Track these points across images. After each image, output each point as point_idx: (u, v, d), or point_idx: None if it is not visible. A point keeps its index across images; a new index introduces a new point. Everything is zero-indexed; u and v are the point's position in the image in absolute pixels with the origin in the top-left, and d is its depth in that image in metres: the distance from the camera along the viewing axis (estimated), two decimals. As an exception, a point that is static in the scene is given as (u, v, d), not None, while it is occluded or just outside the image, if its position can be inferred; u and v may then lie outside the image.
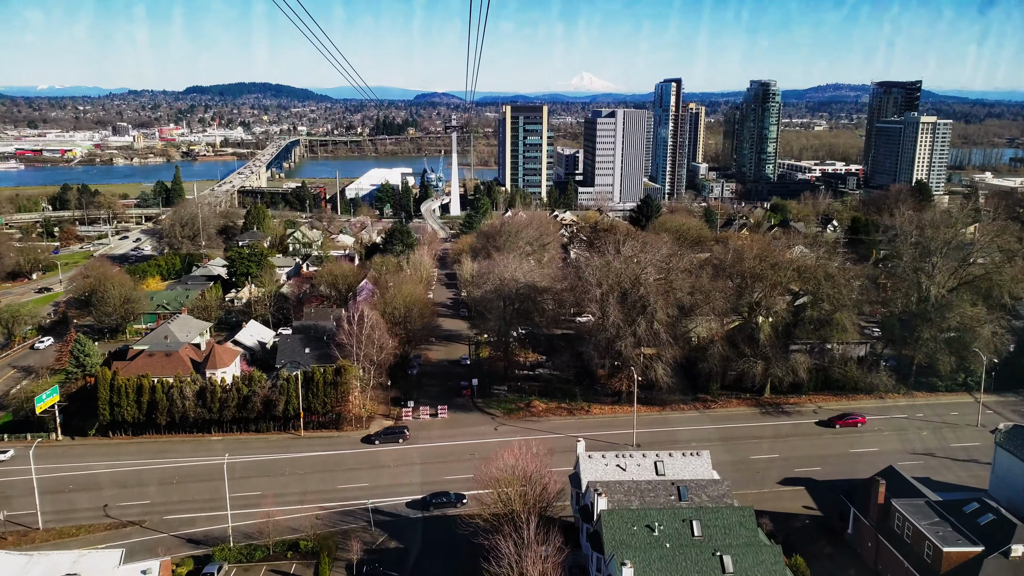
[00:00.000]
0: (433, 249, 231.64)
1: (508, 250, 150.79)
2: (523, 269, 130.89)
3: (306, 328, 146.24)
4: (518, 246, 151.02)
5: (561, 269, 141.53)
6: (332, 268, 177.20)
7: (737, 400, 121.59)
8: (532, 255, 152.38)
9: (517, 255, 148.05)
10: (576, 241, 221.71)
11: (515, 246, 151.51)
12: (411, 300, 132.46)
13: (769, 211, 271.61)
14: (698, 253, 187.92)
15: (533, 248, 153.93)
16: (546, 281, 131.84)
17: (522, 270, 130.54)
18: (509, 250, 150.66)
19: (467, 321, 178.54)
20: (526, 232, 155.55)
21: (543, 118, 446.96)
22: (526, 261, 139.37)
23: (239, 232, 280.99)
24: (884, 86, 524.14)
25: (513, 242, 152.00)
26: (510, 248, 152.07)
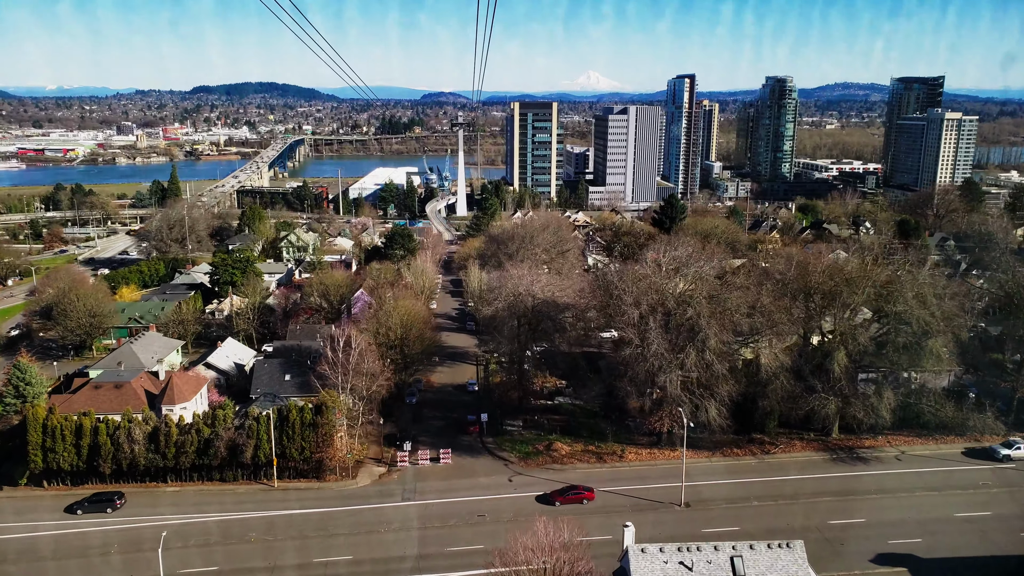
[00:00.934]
0: (437, 253, 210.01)
1: (522, 257, 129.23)
2: (540, 282, 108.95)
3: (288, 350, 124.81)
4: (534, 253, 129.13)
5: (586, 282, 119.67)
6: (323, 276, 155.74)
7: (800, 442, 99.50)
8: (549, 263, 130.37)
9: (532, 263, 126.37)
10: (592, 245, 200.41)
11: (530, 253, 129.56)
12: (410, 318, 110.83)
13: (797, 212, 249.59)
14: (732, 259, 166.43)
15: (550, 255, 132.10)
16: (567, 295, 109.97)
17: (539, 283, 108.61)
18: (523, 258, 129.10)
19: (474, 336, 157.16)
20: (542, 237, 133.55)
21: (552, 115, 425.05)
22: (543, 271, 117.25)
23: (233, 234, 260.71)
24: (904, 82, 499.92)
25: (528, 249, 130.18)
26: (524, 255, 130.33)
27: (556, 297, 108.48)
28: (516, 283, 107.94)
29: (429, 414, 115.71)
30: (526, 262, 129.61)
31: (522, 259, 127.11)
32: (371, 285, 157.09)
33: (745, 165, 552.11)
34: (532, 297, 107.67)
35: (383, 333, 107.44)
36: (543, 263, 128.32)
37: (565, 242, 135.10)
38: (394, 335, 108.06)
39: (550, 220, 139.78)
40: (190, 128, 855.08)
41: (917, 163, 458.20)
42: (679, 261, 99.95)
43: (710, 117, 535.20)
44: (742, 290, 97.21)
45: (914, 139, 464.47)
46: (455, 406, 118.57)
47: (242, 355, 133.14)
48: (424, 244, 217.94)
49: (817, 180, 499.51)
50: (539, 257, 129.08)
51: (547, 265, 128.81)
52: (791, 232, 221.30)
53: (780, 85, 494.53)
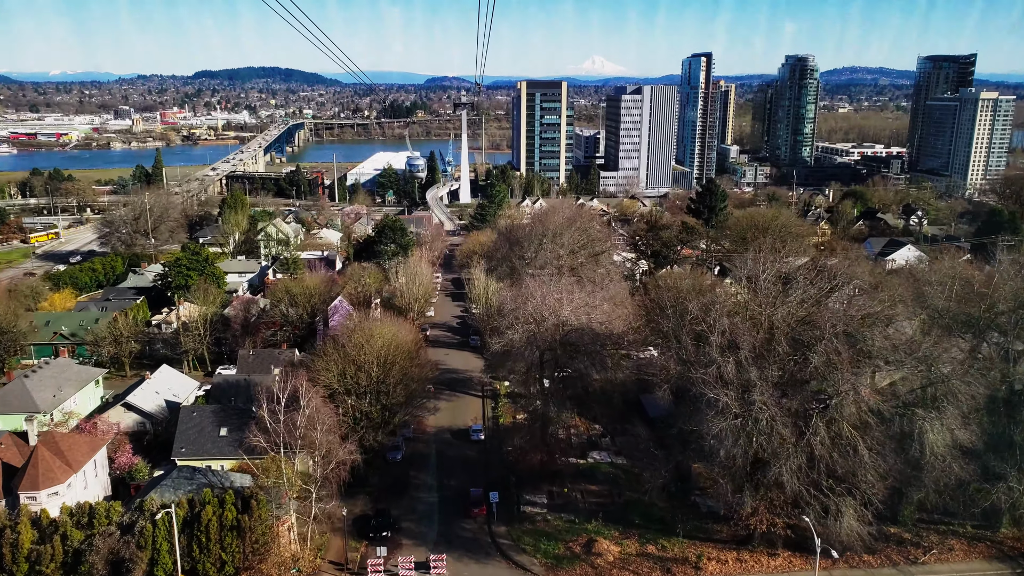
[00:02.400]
0: (436, 249, 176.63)
1: (541, 262, 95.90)
2: (572, 303, 75.60)
3: (231, 387, 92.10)
4: (556, 255, 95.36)
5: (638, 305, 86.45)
6: (290, 281, 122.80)
7: (958, 541, 66.64)
8: (578, 267, 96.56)
9: (555, 270, 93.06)
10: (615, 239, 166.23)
11: (551, 255, 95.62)
12: (392, 353, 77.75)
13: (845, 200, 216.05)
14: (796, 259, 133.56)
15: (578, 258, 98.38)
16: (609, 318, 76.69)
17: (570, 304, 75.26)
18: (542, 262, 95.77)
19: (479, 355, 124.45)
20: (568, 236, 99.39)
21: (562, 95, 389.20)
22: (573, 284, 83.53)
23: (212, 225, 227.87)
24: (933, 61, 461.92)
25: (548, 250, 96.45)
26: (544, 258, 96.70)
27: (593, 322, 75.11)
28: (538, 304, 74.56)
29: (418, 479, 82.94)
30: (547, 267, 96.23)
31: (541, 264, 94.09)
32: (352, 293, 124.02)
33: (762, 149, 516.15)
34: (561, 324, 74.44)
35: (351, 377, 74.35)
36: (569, 269, 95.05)
37: (597, 241, 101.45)
38: (367, 380, 74.98)
39: (575, 213, 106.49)
40: (189, 112, 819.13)
41: (947, 146, 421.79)
42: (782, 276, 66.77)
43: (726, 99, 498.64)
44: (881, 321, 63.60)
45: (944, 121, 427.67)
46: (454, 466, 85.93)
47: (180, 388, 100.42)
48: (421, 237, 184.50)
49: (839, 165, 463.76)
50: (563, 261, 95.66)
51: (573, 271, 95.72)
52: (843, 223, 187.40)
53: (801, 64, 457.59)
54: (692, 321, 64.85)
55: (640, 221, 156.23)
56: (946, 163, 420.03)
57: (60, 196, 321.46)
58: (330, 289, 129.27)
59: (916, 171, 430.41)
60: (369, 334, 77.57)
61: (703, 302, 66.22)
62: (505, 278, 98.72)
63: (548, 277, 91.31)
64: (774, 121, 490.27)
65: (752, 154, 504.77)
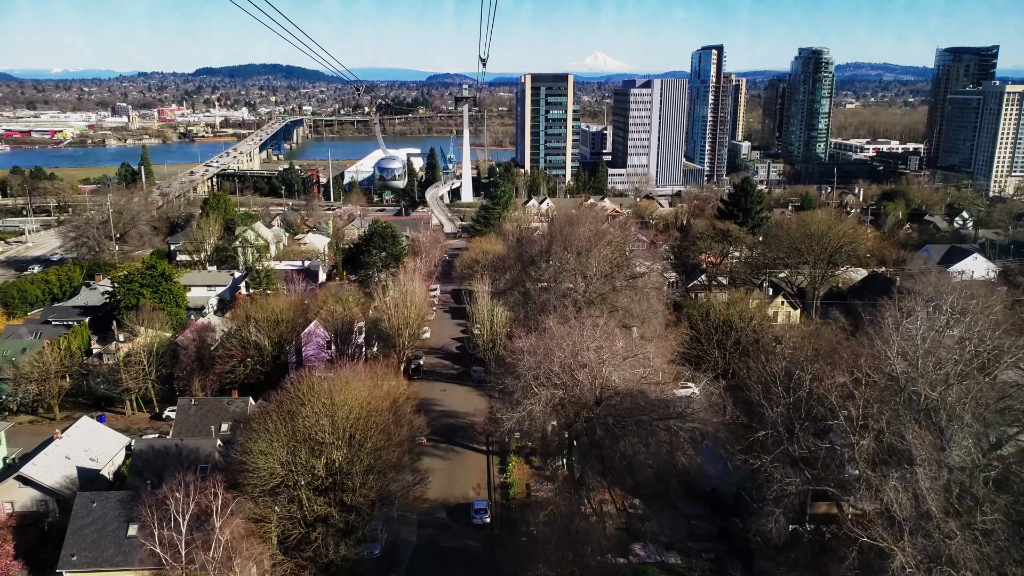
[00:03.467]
0: (434, 258, 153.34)
1: (563, 286, 72.51)
2: (615, 355, 52.38)
3: (159, 455, 69.15)
4: (585, 279, 71.54)
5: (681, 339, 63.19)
6: (247, 305, 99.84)
7: None
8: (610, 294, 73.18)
9: (581, 299, 69.60)
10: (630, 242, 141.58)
11: (584, 277, 71.63)
12: (361, 424, 54.62)
13: (885, 200, 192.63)
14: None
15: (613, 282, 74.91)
16: (663, 379, 53.41)
17: (613, 357, 52.04)
18: (566, 286, 72.36)
19: (483, 392, 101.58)
20: (597, 254, 74.99)
21: (568, 88, 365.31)
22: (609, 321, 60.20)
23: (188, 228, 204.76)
24: (954, 53, 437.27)
25: (574, 270, 72.93)
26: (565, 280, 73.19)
27: (645, 381, 51.95)
28: (567, 358, 51.40)
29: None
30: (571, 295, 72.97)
31: (564, 289, 70.95)
32: (328, 318, 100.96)
33: (773, 145, 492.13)
34: (600, 386, 51.31)
35: (302, 463, 51.29)
36: (599, 297, 71.54)
37: (637, 257, 77.56)
38: (326, 469, 51.92)
39: (600, 221, 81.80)
40: (187, 109, 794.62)
41: (970, 142, 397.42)
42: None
43: (737, 93, 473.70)
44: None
45: (965, 116, 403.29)
46: (450, 565, 63.12)
47: (101, 450, 77.31)
48: (417, 243, 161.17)
49: (854, 162, 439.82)
50: (592, 287, 72.36)
51: (605, 299, 72.34)
52: (889, 226, 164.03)
53: (815, 57, 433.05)
54: (808, 401, 41.74)
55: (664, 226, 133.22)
56: (968, 160, 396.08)
57: (38, 196, 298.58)
58: (304, 311, 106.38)
59: (936, 168, 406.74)
60: (329, 400, 54.46)
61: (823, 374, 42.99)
62: (517, 307, 75.70)
63: (574, 309, 68.20)
64: (787, 117, 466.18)
65: (764, 151, 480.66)
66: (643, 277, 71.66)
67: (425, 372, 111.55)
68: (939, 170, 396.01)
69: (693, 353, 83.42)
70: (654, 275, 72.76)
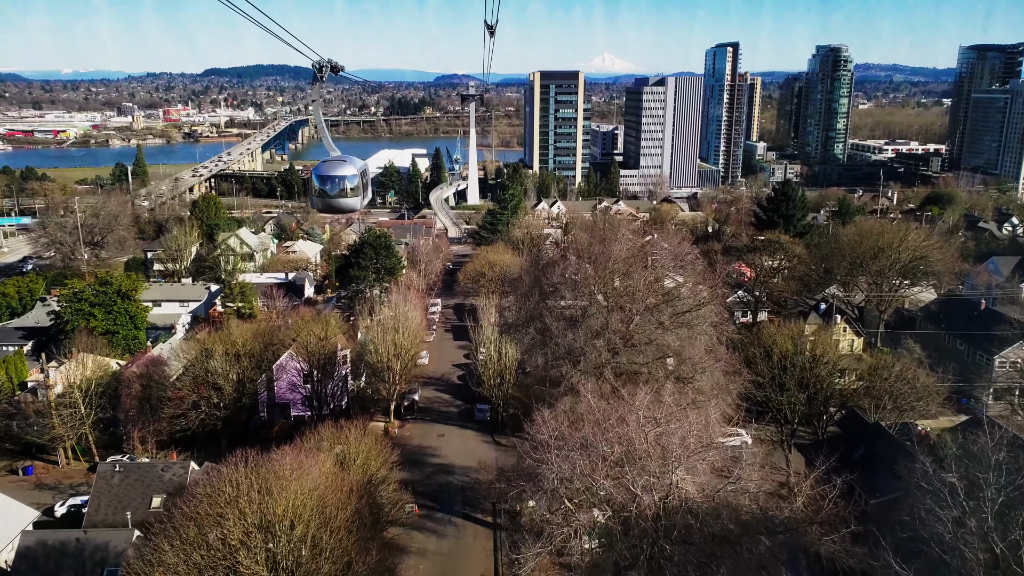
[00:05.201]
0: (433, 271, 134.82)
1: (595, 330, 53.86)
2: (685, 445, 34.03)
3: (53, 553, 50.99)
4: (626, 313, 52.53)
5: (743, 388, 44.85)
6: (205, 335, 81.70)
7: None
8: (657, 338, 54.58)
9: (619, 340, 50.89)
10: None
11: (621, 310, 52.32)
12: (306, 541, 36.22)
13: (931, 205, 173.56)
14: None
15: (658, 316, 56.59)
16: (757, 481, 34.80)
17: (684, 450, 33.61)
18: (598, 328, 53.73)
19: (489, 439, 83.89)
20: (642, 278, 55.83)
21: (579, 86, 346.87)
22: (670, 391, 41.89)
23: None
24: (977, 50, 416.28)
25: (611, 302, 54.00)
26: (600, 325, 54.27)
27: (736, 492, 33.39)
28: (615, 455, 32.71)
29: None
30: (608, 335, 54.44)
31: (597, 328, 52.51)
32: (304, 348, 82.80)
33: (788, 146, 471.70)
34: (666, 495, 32.70)
35: None
36: (645, 338, 53.10)
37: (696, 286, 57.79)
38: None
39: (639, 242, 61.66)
40: (193, 109, 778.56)
41: (995, 143, 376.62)
42: None
43: (752, 92, 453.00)
44: None
45: (990, 116, 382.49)
46: None
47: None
48: (416, 251, 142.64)
49: (873, 163, 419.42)
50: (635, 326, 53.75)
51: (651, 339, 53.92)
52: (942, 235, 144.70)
53: (834, 55, 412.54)
54: None
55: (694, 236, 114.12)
56: (994, 161, 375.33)
57: (26, 197, 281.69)
58: (278, 337, 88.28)
59: (960, 169, 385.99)
60: (257, 505, 36.19)
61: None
62: (533, 349, 57.06)
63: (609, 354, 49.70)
64: (803, 117, 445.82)
65: (779, 151, 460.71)
66: (698, 310, 53.75)
67: (421, 408, 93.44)
68: (963, 172, 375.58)
69: (753, 397, 65.25)
70: (710, 307, 54.38)
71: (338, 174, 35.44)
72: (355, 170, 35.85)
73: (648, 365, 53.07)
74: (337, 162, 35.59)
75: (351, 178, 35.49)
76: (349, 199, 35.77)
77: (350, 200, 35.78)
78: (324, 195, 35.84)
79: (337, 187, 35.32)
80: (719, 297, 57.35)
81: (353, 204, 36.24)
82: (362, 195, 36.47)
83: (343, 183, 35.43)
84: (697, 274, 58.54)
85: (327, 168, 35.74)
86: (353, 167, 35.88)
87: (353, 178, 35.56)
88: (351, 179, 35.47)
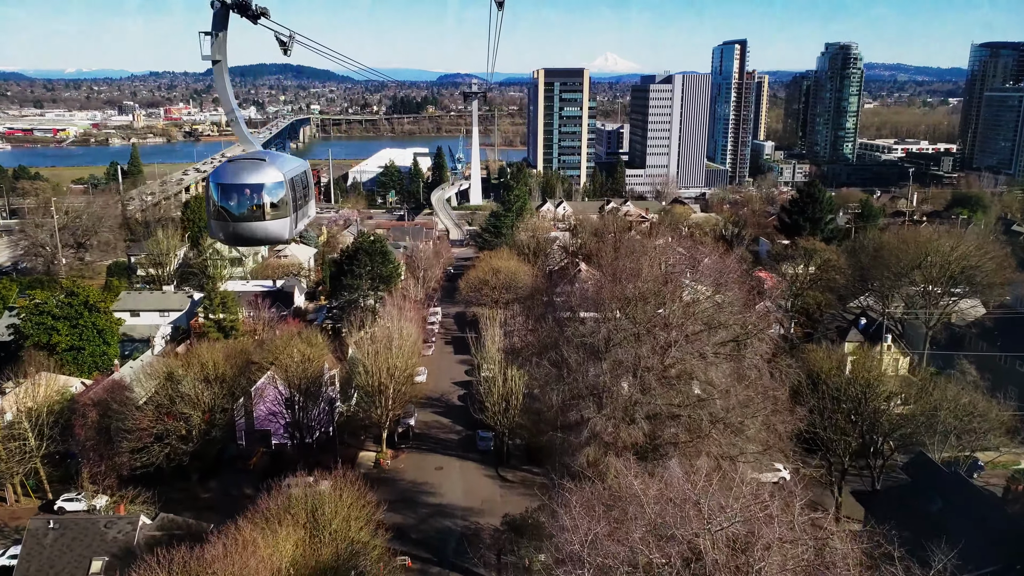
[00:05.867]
0: (433, 276, 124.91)
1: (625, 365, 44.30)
2: (762, 548, 24.31)
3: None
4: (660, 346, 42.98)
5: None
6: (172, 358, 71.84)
7: None
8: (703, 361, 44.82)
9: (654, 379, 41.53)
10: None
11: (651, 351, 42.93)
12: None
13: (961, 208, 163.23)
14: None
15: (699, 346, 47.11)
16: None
17: (762, 553, 23.80)
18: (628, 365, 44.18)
19: (494, 473, 74.02)
20: (679, 299, 46.44)
21: (584, 84, 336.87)
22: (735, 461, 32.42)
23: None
24: (990, 48, 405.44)
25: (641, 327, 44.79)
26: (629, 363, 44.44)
27: None
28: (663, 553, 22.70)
29: None
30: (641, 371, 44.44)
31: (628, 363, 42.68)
32: (286, 370, 72.89)
33: (796, 145, 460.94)
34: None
35: None
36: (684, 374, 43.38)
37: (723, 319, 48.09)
38: None
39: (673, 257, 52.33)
40: (194, 108, 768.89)
41: (1009, 142, 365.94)
42: None
43: (759, 91, 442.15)
44: None
45: (1003, 115, 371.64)
46: None
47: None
48: (415, 256, 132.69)
49: (883, 163, 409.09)
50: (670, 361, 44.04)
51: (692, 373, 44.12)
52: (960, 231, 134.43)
53: (844, 53, 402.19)
54: None
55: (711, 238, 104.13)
56: (1008, 161, 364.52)
57: (17, 196, 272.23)
58: (260, 354, 78.42)
59: (972, 169, 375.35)
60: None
61: None
62: (549, 385, 46.97)
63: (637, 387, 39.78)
64: (812, 115, 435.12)
65: (787, 151, 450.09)
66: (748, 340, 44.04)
67: (417, 435, 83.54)
68: (985, 172, 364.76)
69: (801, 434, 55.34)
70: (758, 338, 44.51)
71: (250, 182, 22.36)
72: (279, 175, 22.76)
73: (689, 408, 43.11)
74: (249, 163, 23.05)
75: (272, 189, 22.46)
76: (269, 223, 22.53)
77: (271, 225, 22.45)
78: (226, 216, 22.68)
79: (247, 203, 22.56)
80: (770, 322, 47.20)
81: (276, 231, 22.82)
82: (293, 216, 23.19)
83: (258, 196, 22.31)
84: (744, 294, 48.51)
85: (232, 173, 22.88)
86: (276, 170, 22.80)
87: (276, 188, 22.53)
88: (272, 190, 22.46)
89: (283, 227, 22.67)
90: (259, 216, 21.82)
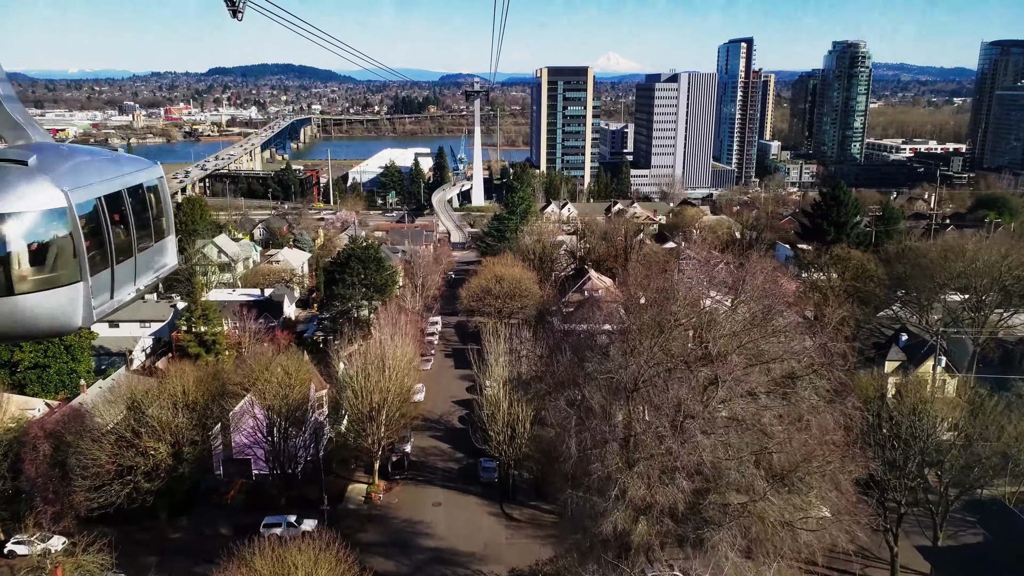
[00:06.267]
0: (433, 284, 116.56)
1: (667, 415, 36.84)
2: None
3: None
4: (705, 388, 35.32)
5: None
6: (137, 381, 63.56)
7: None
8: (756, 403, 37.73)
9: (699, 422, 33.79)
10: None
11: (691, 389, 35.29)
12: None
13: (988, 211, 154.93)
14: None
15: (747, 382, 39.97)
16: None
17: None
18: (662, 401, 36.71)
19: (498, 510, 65.82)
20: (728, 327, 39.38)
21: (588, 83, 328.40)
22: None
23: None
24: (1001, 46, 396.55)
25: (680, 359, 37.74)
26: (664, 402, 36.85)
27: None
28: None
29: None
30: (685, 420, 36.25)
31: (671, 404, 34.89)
32: (265, 396, 64.77)
33: (802, 145, 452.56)
34: None
35: None
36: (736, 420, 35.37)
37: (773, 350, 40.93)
38: None
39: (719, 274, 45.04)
40: (195, 108, 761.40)
41: (1020, 142, 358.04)
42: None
43: (765, 90, 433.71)
44: None
45: (1014, 113, 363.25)
46: None
47: None
48: (414, 262, 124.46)
49: (892, 163, 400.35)
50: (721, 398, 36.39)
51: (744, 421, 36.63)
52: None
53: (852, 51, 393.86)
54: None
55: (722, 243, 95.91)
56: (1019, 161, 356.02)
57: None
58: (237, 376, 70.25)
59: (983, 169, 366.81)
60: None
61: None
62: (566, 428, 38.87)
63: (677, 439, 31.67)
64: (819, 115, 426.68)
65: (794, 151, 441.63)
66: (810, 374, 36.12)
67: (413, 463, 75.35)
68: (986, 171, 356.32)
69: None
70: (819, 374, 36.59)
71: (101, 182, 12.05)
72: (53, 194, 11.46)
73: (738, 460, 34.99)
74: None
75: (29, 226, 11.12)
76: (19, 300, 10.96)
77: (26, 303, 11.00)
78: None
79: None
80: (836, 355, 38.84)
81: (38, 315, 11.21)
82: (98, 277, 11.84)
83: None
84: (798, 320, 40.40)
85: None
86: (48, 182, 11.31)
87: (42, 224, 11.31)
88: (30, 229, 11.12)
89: (58, 305, 11.46)
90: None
